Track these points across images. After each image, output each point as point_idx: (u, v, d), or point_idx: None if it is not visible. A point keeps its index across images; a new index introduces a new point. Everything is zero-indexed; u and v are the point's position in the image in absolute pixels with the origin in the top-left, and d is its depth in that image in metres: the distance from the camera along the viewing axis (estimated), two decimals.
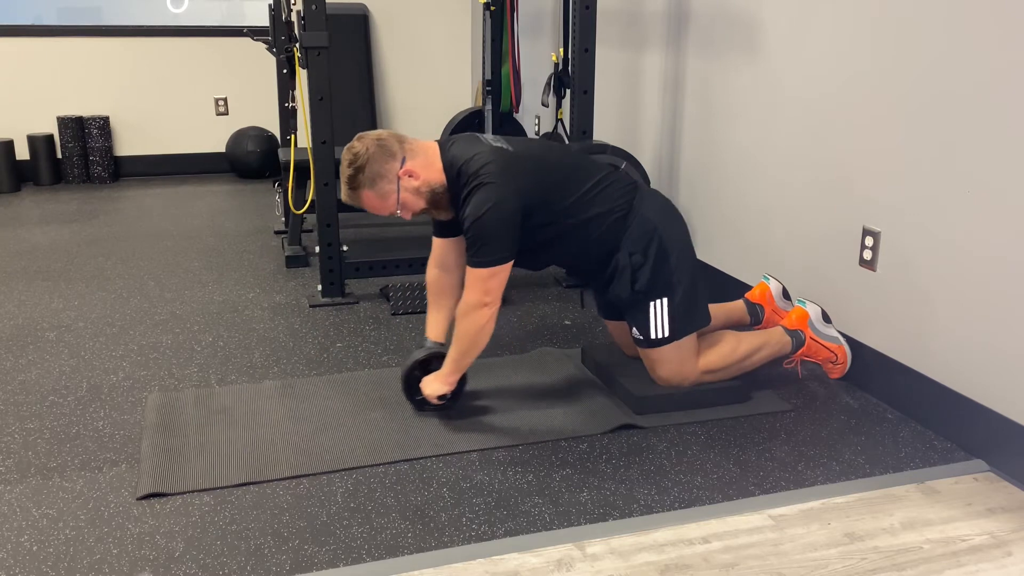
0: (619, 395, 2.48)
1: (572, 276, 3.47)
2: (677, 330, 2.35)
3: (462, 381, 2.35)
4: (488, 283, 2.19)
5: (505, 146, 2.27)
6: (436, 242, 2.46)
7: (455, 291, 2.43)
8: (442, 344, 2.42)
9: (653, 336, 2.36)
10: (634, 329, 2.40)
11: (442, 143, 2.32)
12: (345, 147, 2.27)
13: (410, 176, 2.23)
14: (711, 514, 1.93)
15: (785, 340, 2.55)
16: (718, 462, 2.16)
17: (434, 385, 2.31)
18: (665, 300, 2.34)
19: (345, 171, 2.23)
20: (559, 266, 2.55)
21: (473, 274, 2.20)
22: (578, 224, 2.30)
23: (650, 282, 2.33)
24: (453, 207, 2.29)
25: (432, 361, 2.37)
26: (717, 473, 2.11)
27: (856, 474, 2.11)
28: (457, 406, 2.38)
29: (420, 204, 2.28)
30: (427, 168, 2.25)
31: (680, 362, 2.39)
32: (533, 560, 1.76)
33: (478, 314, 2.21)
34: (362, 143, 2.23)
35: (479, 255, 2.18)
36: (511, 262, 2.22)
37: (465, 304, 2.22)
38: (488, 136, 2.33)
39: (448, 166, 2.25)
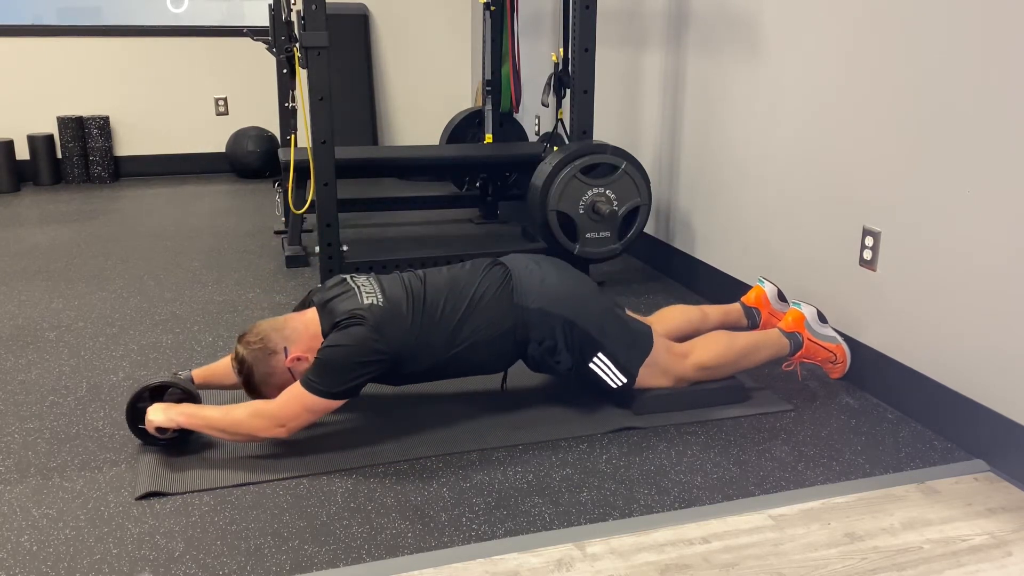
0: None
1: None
2: (630, 368, 2.32)
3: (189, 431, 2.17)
4: (301, 410, 2.08)
5: (377, 301, 2.17)
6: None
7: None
8: (194, 384, 2.27)
9: (616, 387, 2.34)
10: (600, 386, 2.36)
11: (319, 305, 2.21)
12: (231, 354, 2.20)
13: (299, 360, 2.15)
14: (711, 514, 1.93)
15: (783, 342, 2.55)
16: (718, 462, 2.16)
17: (160, 415, 2.10)
18: (600, 355, 2.29)
19: (238, 378, 2.18)
20: (482, 375, 2.47)
21: (296, 392, 2.08)
22: (466, 351, 2.23)
23: (573, 356, 2.29)
24: None
25: (159, 391, 2.20)
26: (717, 473, 2.11)
27: (856, 474, 2.11)
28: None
29: None
30: (312, 344, 2.16)
31: (664, 372, 2.37)
32: (533, 560, 1.76)
33: (268, 427, 2.09)
34: (244, 348, 2.15)
35: (314, 379, 2.07)
36: (336, 404, 2.12)
37: (267, 408, 2.09)
38: (363, 286, 2.23)
39: (326, 330, 2.16)
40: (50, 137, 5.46)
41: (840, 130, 2.61)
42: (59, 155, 5.52)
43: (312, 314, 2.22)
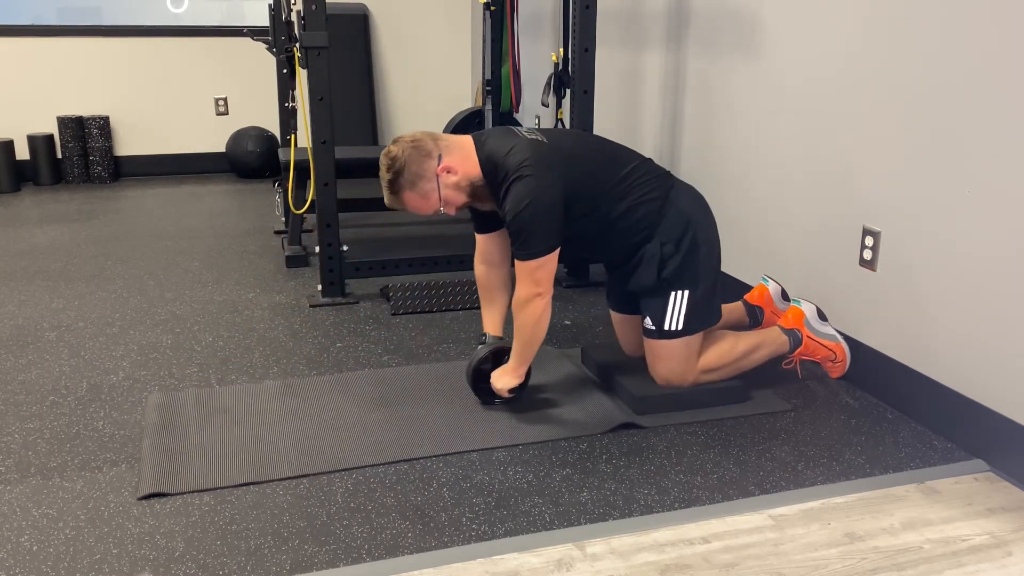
0: (619, 395, 2.48)
1: (595, 264, 3.46)
2: (691, 325, 2.36)
3: (529, 371, 2.39)
4: (537, 274, 2.22)
5: (540, 138, 2.28)
6: (479, 238, 2.49)
7: (504, 285, 2.50)
8: (501, 338, 2.47)
9: (667, 327, 2.37)
10: (648, 319, 2.40)
11: (476, 137, 2.33)
12: (382, 152, 2.28)
13: (448, 172, 2.25)
14: (711, 514, 1.93)
15: (782, 339, 2.55)
16: (718, 462, 2.16)
17: (504, 379, 2.35)
18: (686, 292, 2.35)
19: (384, 176, 2.26)
20: (586, 256, 2.59)
21: (521, 267, 2.23)
22: (613, 213, 2.32)
23: (676, 272, 2.34)
24: (494, 198, 2.31)
25: (498, 355, 2.42)
26: (717, 473, 2.11)
27: (856, 474, 2.11)
28: (502, 403, 2.42)
29: (462, 198, 2.31)
30: (464, 162, 2.27)
31: (684, 359, 2.39)
32: (533, 560, 1.76)
33: (532, 305, 2.24)
34: (397, 146, 2.25)
35: (524, 248, 2.21)
36: (557, 249, 2.23)
37: (518, 297, 2.25)
38: (523, 128, 2.34)
39: (485, 160, 2.27)
40: (50, 137, 5.46)
41: (840, 130, 2.61)
42: (59, 155, 5.52)
43: (468, 138, 2.32)
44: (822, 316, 2.62)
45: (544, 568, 1.74)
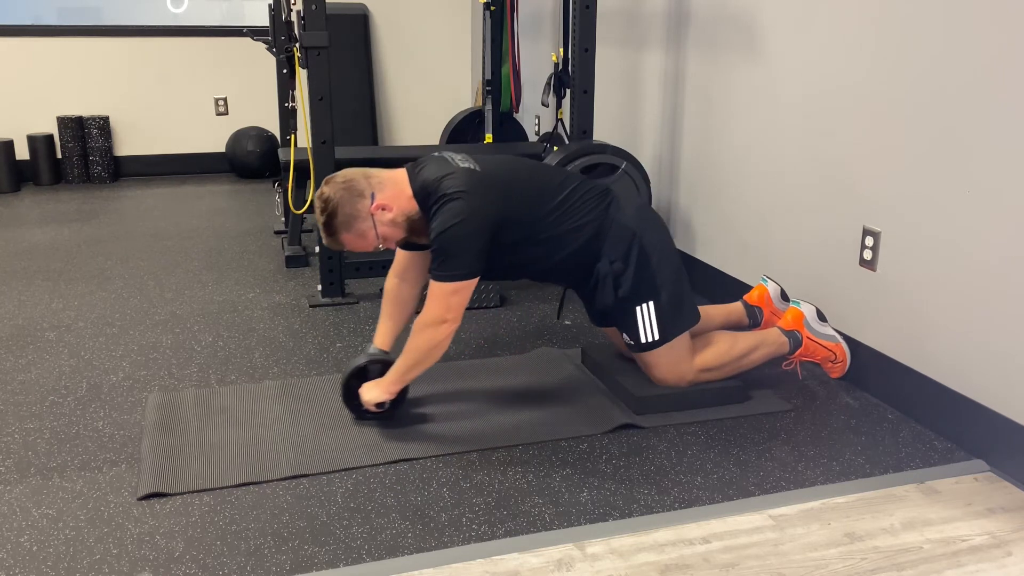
0: (619, 395, 2.48)
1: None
2: (667, 332, 2.35)
3: (404, 390, 2.31)
4: (451, 299, 2.16)
5: (473, 166, 2.23)
6: (399, 253, 2.42)
7: (409, 303, 2.44)
8: (386, 352, 2.38)
9: (644, 341, 2.36)
10: (625, 335, 2.41)
11: (410, 169, 2.28)
12: (315, 194, 2.24)
13: (383, 209, 2.20)
14: (711, 514, 1.93)
15: (782, 340, 2.55)
16: (718, 462, 2.16)
17: (373, 392, 2.26)
18: (651, 303, 2.33)
19: (320, 219, 2.21)
20: (541, 280, 2.54)
21: (436, 288, 2.17)
22: (553, 239, 2.29)
23: (633, 287, 2.32)
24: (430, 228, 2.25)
25: (372, 368, 2.32)
26: (717, 473, 2.11)
27: (856, 474, 2.11)
28: (398, 412, 2.33)
29: (399, 234, 2.25)
30: (398, 197, 2.22)
31: (675, 363, 2.39)
32: (533, 560, 1.76)
33: (436, 330, 2.18)
34: (330, 187, 2.19)
35: (443, 268, 2.15)
36: (476, 278, 2.19)
37: (424, 318, 2.19)
38: (456, 156, 2.29)
39: (419, 191, 2.21)
40: (50, 137, 5.46)
41: (840, 130, 2.61)
42: (59, 155, 5.52)
43: (401, 171, 2.28)
44: (822, 317, 2.62)
45: (544, 568, 1.74)
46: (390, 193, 2.22)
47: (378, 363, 2.32)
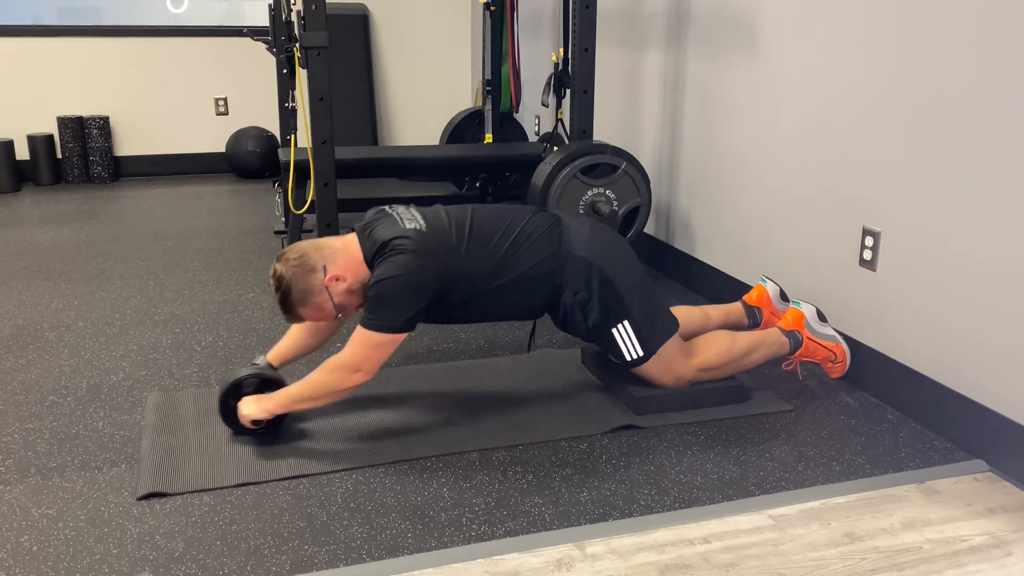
0: (619, 395, 2.48)
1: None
2: (649, 346, 2.34)
3: (282, 418, 2.23)
4: (372, 351, 2.12)
5: (421, 225, 2.18)
6: None
7: (321, 335, 2.36)
8: (275, 369, 2.31)
9: (630, 359, 2.36)
10: (611, 356, 2.40)
11: (360, 231, 2.23)
12: (269, 272, 2.21)
13: (337, 280, 2.16)
14: (711, 514, 1.93)
15: (782, 341, 2.55)
16: (718, 462, 2.16)
17: (252, 408, 2.17)
18: (625, 323, 2.32)
19: (275, 296, 2.18)
20: (510, 320, 2.49)
21: (360, 335, 2.12)
22: (508, 284, 2.24)
23: (602, 314, 2.30)
24: None
25: (254, 381, 2.24)
26: (717, 473, 2.11)
27: (856, 474, 2.11)
28: (279, 430, 2.25)
29: (357, 301, 2.21)
30: (351, 266, 2.18)
31: (668, 368, 2.39)
32: (533, 560, 1.76)
33: (346, 377, 2.13)
34: (282, 265, 2.15)
35: (373, 315, 2.11)
36: (403, 336, 2.15)
37: (340, 360, 2.13)
38: (403, 214, 2.24)
39: (369, 254, 2.18)
40: (50, 137, 5.46)
41: (840, 130, 2.61)
42: (59, 155, 5.52)
43: (352, 237, 2.24)
44: (822, 317, 2.62)
45: (544, 568, 1.74)
46: (343, 263, 2.18)
47: (262, 378, 2.24)
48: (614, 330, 2.32)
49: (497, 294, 2.25)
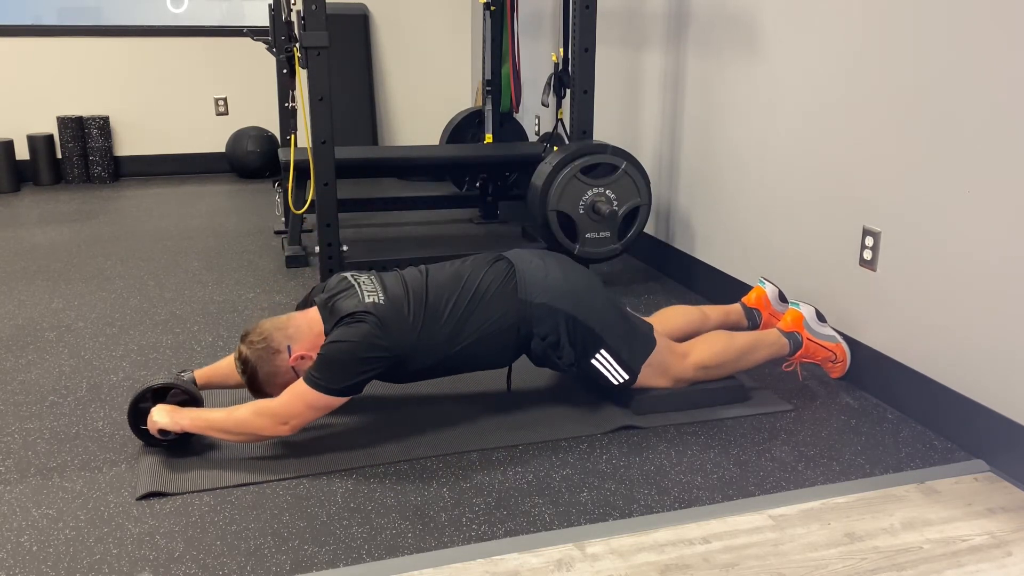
0: (619, 395, 2.48)
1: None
2: (632, 367, 2.32)
3: (188, 434, 2.17)
4: (305, 407, 2.08)
5: (380, 298, 2.16)
6: None
7: None
8: (196, 385, 2.28)
9: (618, 383, 2.34)
10: (600, 383, 2.37)
11: (322, 305, 2.20)
12: (234, 353, 2.20)
13: (302, 359, 2.15)
14: (711, 514, 1.93)
15: (782, 342, 2.55)
16: (718, 462, 2.16)
17: (164, 418, 2.10)
18: (602, 351, 2.29)
19: (242, 378, 2.17)
20: (488, 370, 2.43)
21: (299, 388, 2.08)
22: (471, 345, 2.22)
23: (576, 350, 2.28)
24: None
25: (171, 392, 2.20)
26: (717, 473, 2.11)
27: (856, 474, 2.11)
28: (188, 443, 2.20)
29: None
30: (314, 342, 2.16)
31: (663, 372, 2.37)
32: (533, 560, 1.76)
33: (271, 425, 2.09)
34: (247, 347, 2.14)
35: (318, 375, 2.06)
36: (341, 401, 2.12)
37: (272, 406, 2.09)
38: (364, 284, 2.21)
39: (328, 330, 2.16)
40: (50, 137, 5.46)
41: (840, 130, 2.61)
42: (59, 155, 5.52)
43: (315, 313, 2.21)
44: (821, 318, 2.62)
45: (544, 568, 1.74)
46: (307, 341, 2.16)
47: (182, 392, 2.20)
48: (594, 361, 2.30)
49: (461, 355, 2.23)
